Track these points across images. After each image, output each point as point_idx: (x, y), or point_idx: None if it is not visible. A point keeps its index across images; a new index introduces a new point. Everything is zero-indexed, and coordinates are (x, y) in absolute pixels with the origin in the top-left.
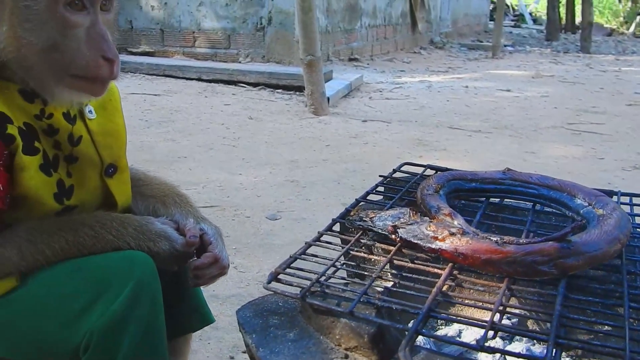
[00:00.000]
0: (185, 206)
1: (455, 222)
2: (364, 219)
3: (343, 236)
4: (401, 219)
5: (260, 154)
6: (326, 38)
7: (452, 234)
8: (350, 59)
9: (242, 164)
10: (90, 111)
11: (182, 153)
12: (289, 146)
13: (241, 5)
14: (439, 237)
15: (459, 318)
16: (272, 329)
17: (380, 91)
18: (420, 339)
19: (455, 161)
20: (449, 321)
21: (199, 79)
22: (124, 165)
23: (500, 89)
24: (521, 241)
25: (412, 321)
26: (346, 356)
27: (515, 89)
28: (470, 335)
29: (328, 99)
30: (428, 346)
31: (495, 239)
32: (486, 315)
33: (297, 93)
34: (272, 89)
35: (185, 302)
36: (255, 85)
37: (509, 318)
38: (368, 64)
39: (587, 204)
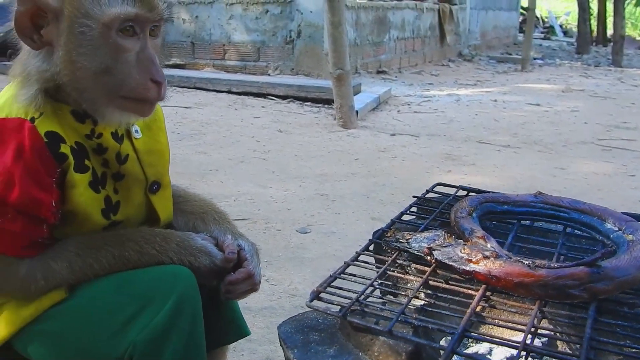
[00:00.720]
0: (223, 223)
1: (489, 245)
2: (400, 240)
3: (377, 256)
4: (436, 241)
5: (290, 167)
6: (354, 51)
7: (486, 257)
8: (378, 72)
9: (272, 177)
10: (136, 131)
11: (214, 166)
12: (318, 159)
13: (271, 18)
14: (473, 260)
15: (493, 338)
16: (312, 344)
17: (409, 104)
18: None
19: (484, 176)
20: (482, 341)
21: (229, 92)
22: (166, 183)
23: (529, 103)
24: (552, 265)
25: (444, 339)
26: None
27: (545, 103)
28: (500, 354)
29: (357, 112)
30: None
31: (527, 262)
32: (517, 336)
33: (326, 106)
34: (300, 102)
35: (222, 315)
36: (284, 97)
37: (539, 339)
38: (396, 77)
39: (617, 229)
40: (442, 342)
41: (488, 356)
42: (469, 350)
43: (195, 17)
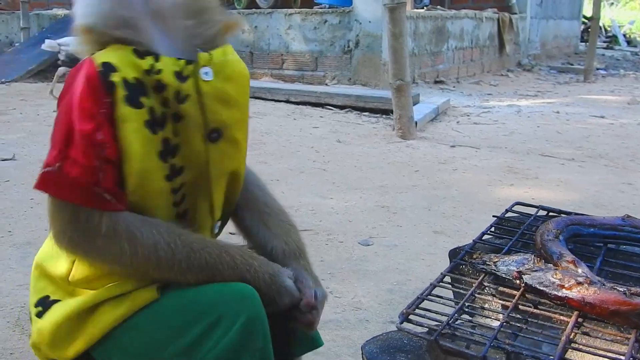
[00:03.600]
0: (303, 260)
1: (580, 271)
2: (487, 262)
3: (457, 276)
4: (525, 265)
5: (349, 178)
6: (412, 61)
7: (579, 284)
8: (436, 82)
9: (333, 188)
10: (206, 73)
11: (275, 176)
12: (377, 170)
13: (329, 28)
14: (566, 286)
15: None
16: None
17: (468, 115)
18: None
19: (547, 191)
20: None
21: (287, 101)
22: (233, 137)
23: (593, 115)
24: None
25: None
26: None
27: (610, 115)
28: None
29: (415, 123)
30: None
31: (622, 289)
32: None
33: (384, 116)
34: (358, 112)
35: (294, 327)
36: (342, 107)
37: None
38: (454, 87)
39: None
40: None
41: None
42: None
43: (255, 27)
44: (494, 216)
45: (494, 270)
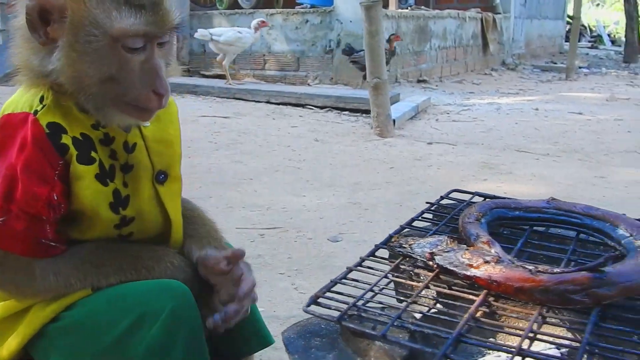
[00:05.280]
0: (215, 244)
1: (493, 250)
2: (404, 245)
3: (388, 261)
4: (439, 247)
5: (324, 176)
6: (395, 60)
7: (487, 262)
8: (419, 81)
9: (306, 186)
10: None
11: (249, 175)
12: (353, 168)
13: (311, 28)
14: (474, 265)
15: (487, 343)
16: (313, 350)
17: (448, 113)
18: None
19: (521, 185)
20: (478, 346)
21: (268, 102)
22: (175, 175)
23: (571, 112)
24: (555, 270)
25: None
26: None
27: (588, 112)
28: None
29: (394, 121)
30: None
31: (529, 267)
32: (516, 341)
33: (364, 115)
34: (338, 111)
35: (243, 325)
36: (322, 107)
37: (538, 344)
38: (437, 86)
39: (628, 235)
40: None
41: None
42: (486, 359)
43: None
44: (427, 202)
45: (410, 252)
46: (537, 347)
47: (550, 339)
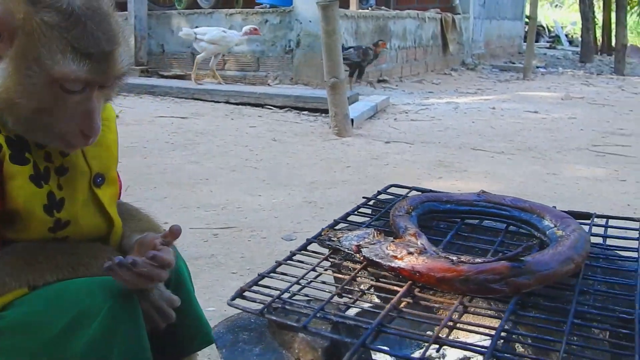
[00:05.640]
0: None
1: (419, 242)
2: (332, 239)
3: (322, 255)
4: (365, 239)
5: (281, 175)
6: None
7: (410, 253)
8: (379, 81)
9: (262, 186)
10: None
11: (205, 175)
12: (310, 168)
13: (270, 28)
14: (398, 256)
15: (407, 332)
16: (240, 344)
17: (406, 113)
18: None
19: (474, 182)
20: (398, 336)
21: (227, 102)
22: (113, 178)
23: (527, 111)
24: (476, 260)
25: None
26: None
27: (543, 110)
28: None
29: (352, 120)
30: None
31: (452, 258)
32: (442, 332)
33: (323, 115)
34: (297, 111)
35: (186, 324)
36: (281, 107)
37: (457, 333)
38: (397, 86)
39: (553, 226)
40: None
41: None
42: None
43: (195, 27)
44: (363, 197)
45: (338, 245)
46: (458, 336)
47: (470, 327)
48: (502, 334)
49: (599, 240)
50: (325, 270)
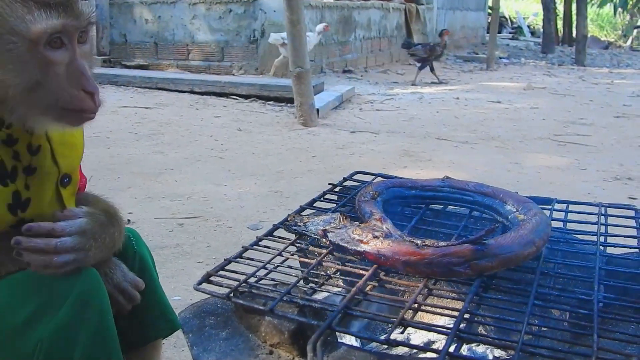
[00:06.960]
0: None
1: (384, 227)
2: (299, 224)
3: (288, 241)
4: (331, 224)
5: (246, 165)
6: (320, 50)
7: (376, 237)
8: (345, 71)
9: (228, 176)
10: None
11: (169, 165)
12: (275, 157)
13: (234, 18)
14: (364, 240)
15: (372, 315)
16: (207, 328)
17: (372, 102)
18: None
19: (438, 171)
20: (362, 318)
21: (192, 92)
22: (76, 178)
23: (490, 101)
24: (440, 244)
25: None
26: (271, 352)
27: (506, 100)
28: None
29: (318, 110)
30: (357, 344)
31: (417, 242)
32: (407, 314)
33: (289, 105)
34: (263, 101)
35: (150, 310)
36: (247, 97)
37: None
38: (362, 76)
39: (515, 210)
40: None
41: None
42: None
43: (158, 17)
44: (329, 184)
45: (304, 230)
46: (423, 318)
47: (434, 309)
48: (465, 315)
49: (560, 224)
50: (292, 255)
